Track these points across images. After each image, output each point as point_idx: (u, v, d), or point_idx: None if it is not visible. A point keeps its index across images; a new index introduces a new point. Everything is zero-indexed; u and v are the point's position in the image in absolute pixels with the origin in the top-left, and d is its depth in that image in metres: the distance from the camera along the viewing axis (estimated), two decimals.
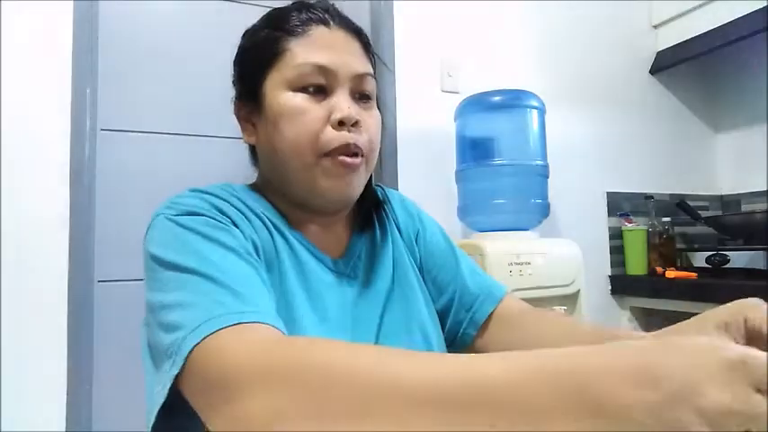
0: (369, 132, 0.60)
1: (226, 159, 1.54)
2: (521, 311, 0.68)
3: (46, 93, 1.40)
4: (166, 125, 1.59)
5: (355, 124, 0.58)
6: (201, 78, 1.60)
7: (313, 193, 0.60)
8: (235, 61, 0.66)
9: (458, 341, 0.69)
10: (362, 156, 0.59)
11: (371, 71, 0.63)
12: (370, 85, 0.62)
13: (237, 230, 0.54)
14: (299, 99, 0.58)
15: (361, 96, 0.61)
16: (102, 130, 1.50)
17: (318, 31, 0.60)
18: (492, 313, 0.68)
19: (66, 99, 1.42)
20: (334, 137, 0.57)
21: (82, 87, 1.44)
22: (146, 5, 1.60)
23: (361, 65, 0.61)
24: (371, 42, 0.66)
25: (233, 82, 0.66)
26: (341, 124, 0.57)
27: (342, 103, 0.58)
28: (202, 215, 0.53)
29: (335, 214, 0.65)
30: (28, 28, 1.39)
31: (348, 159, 0.58)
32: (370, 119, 0.61)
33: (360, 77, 0.60)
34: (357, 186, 0.61)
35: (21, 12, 1.38)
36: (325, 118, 0.58)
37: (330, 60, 0.58)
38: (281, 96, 0.58)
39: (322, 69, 0.58)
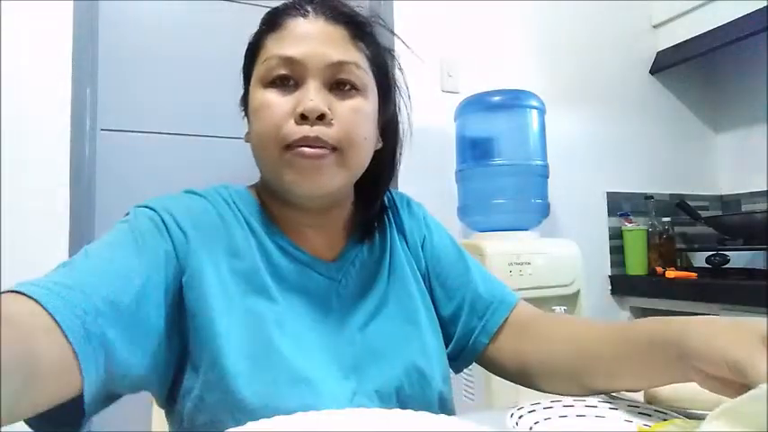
0: (343, 124, 0.56)
1: (226, 159, 1.54)
2: (532, 317, 0.66)
3: (46, 93, 1.40)
4: (166, 125, 1.59)
5: (322, 117, 0.54)
6: (202, 78, 1.60)
7: (283, 188, 0.58)
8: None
9: (468, 348, 0.67)
10: (333, 149, 0.56)
11: (355, 59, 0.58)
12: (349, 74, 0.57)
13: (165, 238, 0.54)
14: (268, 94, 0.56)
15: (339, 86, 0.58)
16: (102, 130, 1.50)
17: (293, 23, 0.58)
18: (505, 321, 0.66)
19: (67, 99, 1.42)
20: (293, 131, 0.54)
21: (82, 87, 1.44)
22: (146, 5, 1.60)
23: (340, 53, 0.57)
24: (371, 31, 0.62)
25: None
26: (303, 117, 0.54)
27: (307, 95, 0.55)
28: (152, 210, 0.56)
29: (326, 213, 0.63)
30: (28, 28, 1.39)
31: (307, 150, 0.54)
32: (347, 110, 0.57)
33: (335, 66, 0.57)
34: (328, 180, 0.56)
35: (21, 12, 1.38)
36: (290, 111, 0.55)
37: (298, 51, 0.56)
38: (256, 93, 0.58)
39: (288, 61, 0.56)
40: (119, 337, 0.45)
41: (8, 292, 0.41)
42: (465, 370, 0.69)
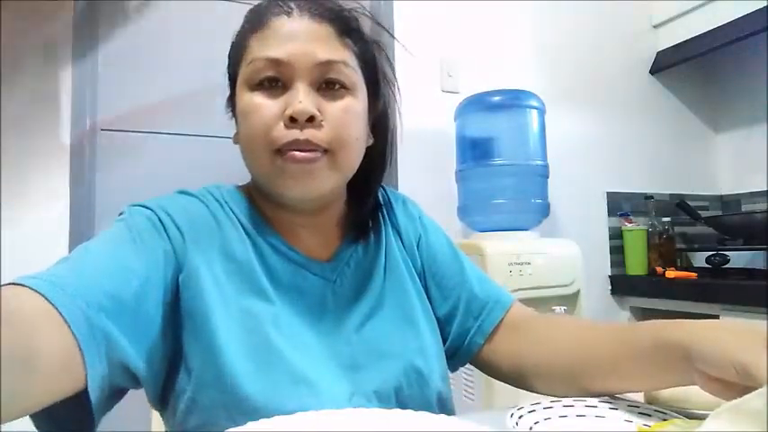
0: (333, 126, 0.55)
1: (226, 159, 1.54)
2: (528, 318, 0.66)
3: (46, 92, 1.41)
4: (166, 125, 1.59)
5: (311, 119, 0.53)
6: (202, 78, 1.60)
7: (275, 192, 0.57)
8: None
9: (463, 349, 0.66)
10: (324, 151, 0.55)
11: (343, 57, 0.57)
12: (338, 74, 0.56)
13: (163, 237, 0.54)
14: (255, 97, 0.55)
15: (328, 86, 0.56)
16: (102, 130, 1.50)
17: (278, 22, 0.56)
18: (500, 321, 0.66)
19: (67, 99, 1.42)
20: (282, 134, 0.53)
21: (82, 87, 1.44)
22: (146, 5, 1.59)
23: (327, 52, 0.56)
24: (357, 27, 0.60)
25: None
26: (293, 120, 0.53)
27: (296, 97, 0.54)
28: (149, 210, 0.55)
29: (319, 214, 0.63)
30: (28, 26, 1.39)
31: (298, 154, 0.53)
32: (337, 111, 0.56)
33: (323, 66, 0.55)
34: (320, 183, 0.56)
35: (21, 11, 1.38)
36: (279, 114, 0.54)
37: (284, 52, 0.54)
38: (243, 96, 0.57)
39: (275, 62, 0.54)
40: (120, 331, 0.45)
41: (9, 284, 0.41)
42: (465, 370, 0.69)
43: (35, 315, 0.40)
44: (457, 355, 0.67)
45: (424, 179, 1.76)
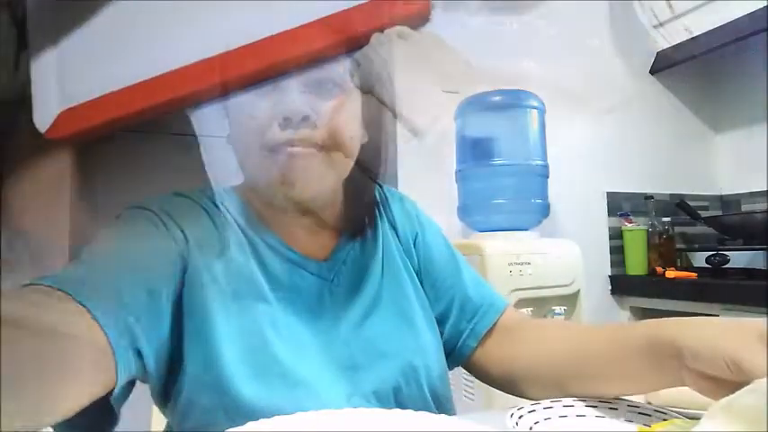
0: (328, 126, 0.54)
1: (226, 159, 1.54)
2: (521, 321, 0.66)
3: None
4: (166, 125, 1.59)
5: (306, 119, 0.53)
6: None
7: (271, 192, 0.57)
8: None
9: (456, 353, 0.66)
10: (321, 149, 0.54)
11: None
12: (329, 71, 0.55)
13: (168, 237, 0.54)
14: (246, 96, 0.54)
15: (321, 84, 0.55)
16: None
17: None
18: (494, 325, 0.65)
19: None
20: (277, 135, 0.53)
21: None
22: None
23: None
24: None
25: None
26: (287, 120, 0.53)
27: (288, 97, 0.53)
28: (149, 211, 0.55)
29: (316, 213, 0.62)
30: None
31: (294, 149, 0.53)
32: (331, 110, 0.55)
33: (316, 64, 0.57)
34: (316, 183, 0.56)
35: None
36: (273, 115, 0.53)
37: None
38: (234, 96, 0.56)
39: None
40: (140, 328, 0.46)
41: (29, 285, 0.41)
42: (465, 370, 0.69)
43: (65, 317, 0.39)
44: (449, 358, 0.67)
45: (424, 179, 1.76)
